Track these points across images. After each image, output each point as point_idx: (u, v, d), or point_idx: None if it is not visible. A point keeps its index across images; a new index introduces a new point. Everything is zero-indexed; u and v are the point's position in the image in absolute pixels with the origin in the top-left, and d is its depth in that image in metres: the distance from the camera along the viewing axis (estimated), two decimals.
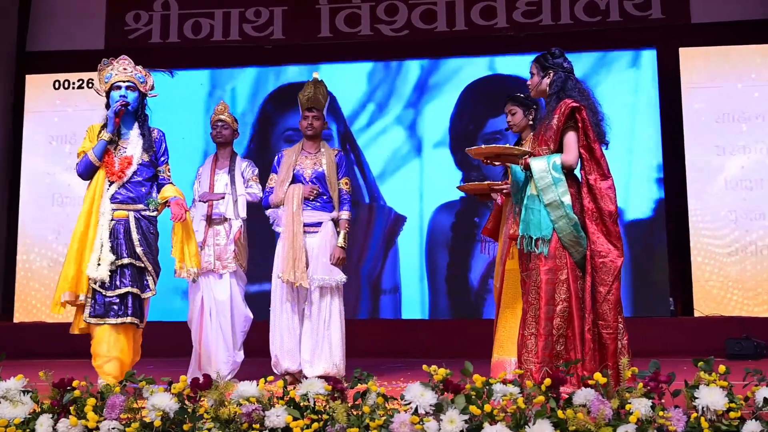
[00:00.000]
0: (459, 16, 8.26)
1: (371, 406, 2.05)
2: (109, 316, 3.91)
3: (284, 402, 2.12)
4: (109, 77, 4.20)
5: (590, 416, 1.95)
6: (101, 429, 2.15)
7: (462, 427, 1.99)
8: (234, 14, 8.60)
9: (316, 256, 4.43)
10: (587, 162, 3.54)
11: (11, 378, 2.31)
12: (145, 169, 4.14)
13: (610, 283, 3.46)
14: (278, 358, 4.43)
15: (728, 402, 1.93)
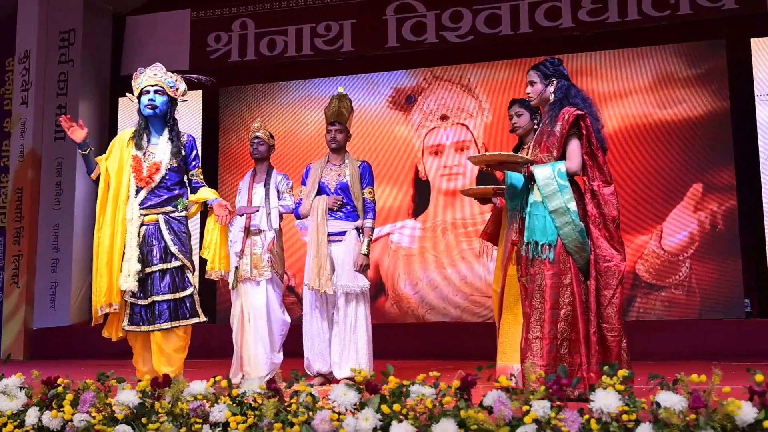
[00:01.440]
0: (523, 18, 8.28)
1: (301, 404, 2.25)
2: (143, 324, 3.98)
3: (228, 399, 2.36)
4: (139, 84, 4.20)
5: (492, 416, 2.08)
6: (74, 420, 2.48)
7: (375, 425, 2.16)
8: (306, 30, 8.96)
9: (340, 264, 4.63)
10: (590, 168, 3.58)
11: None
12: (174, 174, 4.14)
13: (615, 287, 3.50)
14: (310, 360, 4.69)
15: (623, 405, 2.00)
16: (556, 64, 3.77)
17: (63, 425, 2.51)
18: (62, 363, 6.81)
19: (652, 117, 7.71)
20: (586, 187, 3.60)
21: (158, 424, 2.34)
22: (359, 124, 8.47)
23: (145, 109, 4.11)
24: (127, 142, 4.18)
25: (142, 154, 4.10)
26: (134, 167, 4.08)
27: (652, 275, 7.48)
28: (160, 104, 4.11)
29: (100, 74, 9.04)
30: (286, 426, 2.21)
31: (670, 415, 1.90)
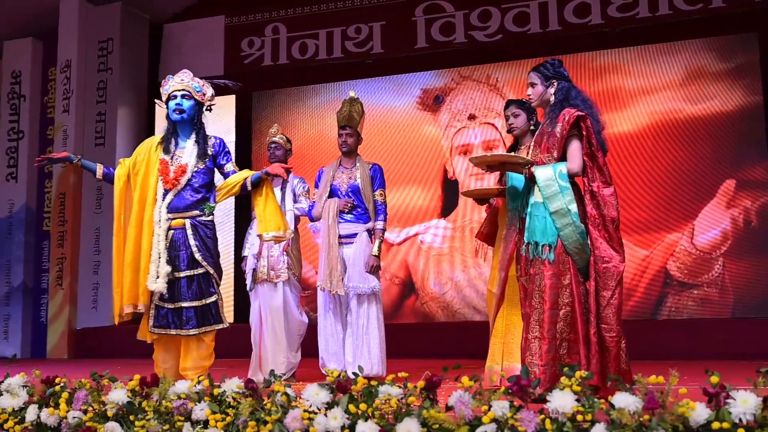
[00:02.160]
0: (552, 16, 8.23)
1: (276, 403, 2.34)
2: (171, 328, 4.01)
3: (209, 398, 2.46)
4: (168, 89, 4.25)
5: (454, 416, 2.13)
6: (68, 417, 2.61)
7: (344, 423, 2.23)
8: (336, 33, 9.06)
9: (351, 265, 4.71)
10: (590, 170, 3.56)
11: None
12: (201, 177, 4.16)
13: (614, 288, 3.47)
14: (324, 360, 4.77)
15: (578, 406, 2.03)
16: (557, 65, 3.75)
17: (59, 422, 2.64)
18: (103, 362, 7.04)
19: (682, 113, 7.61)
20: (585, 188, 3.59)
21: (144, 421, 2.45)
22: (388, 125, 8.56)
23: (172, 114, 4.17)
24: (155, 146, 4.24)
25: (170, 157, 4.15)
26: (161, 170, 4.14)
27: (684, 273, 7.38)
28: (187, 109, 4.16)
29: (138, 81, 9.29)
30: (260, 424, 2.30)
31: (621, 416, 1.93)
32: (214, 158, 4.25)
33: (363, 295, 4.66)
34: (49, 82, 9.43)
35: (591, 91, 7.82)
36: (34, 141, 9.32)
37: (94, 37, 9.08)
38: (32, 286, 9.16)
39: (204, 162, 4.18)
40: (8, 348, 8.94)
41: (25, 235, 9.13)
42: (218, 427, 2.37)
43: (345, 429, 2.23)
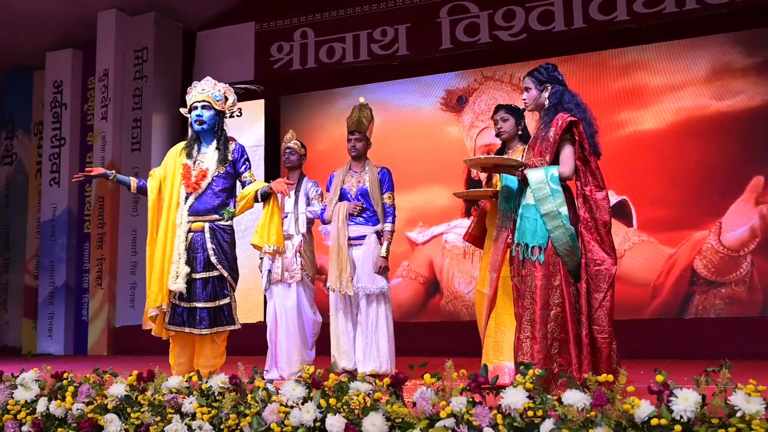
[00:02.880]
0: (577, 13, 8.23)
1: (257, 398, 2.49)
2: (185, 326, 4.18)
3: (198, 392, 2.62)
4: (190, 99, 4.41)
5: (416, 411, 2.25)
6: (73, 409, 2.81)
7: (316, 416, 2.37)
8: (362, 36, 9.21)
9: (361, 267, 4.85)
10: (583, 174, 3.63)
11: None
12: (221, 181, 4.32)
13: (605, 290, 3.54)
14: (336, 357, 4.92)
15: (529, 402, 2.13)
16: (551, 69, 3.83)
17: (65, 413, 2.84)
18: (140, 358, 7.32)
19: (708, 109, 7.55)
20: (578, 191, 3.65)
21: (139, 413, 2.63)
22: (412, 126, 8.67)
23: (194, 125, 4.37)
24: (179, 152, 4.45)
25: (192, 162, 4.34)
26: (184, 174, 4.33)
27: (711, 271, 7.33)
28: (207, 119, 4.35)
29: (172, 88, 9.57)
30: (241, 417, 2.45)
31: (567, 412, 2.02)
32: (234, 164, 4.41)
33: (372, 295, 4.80)
34: (89, 90, 9.77)
35: (615, 88, 7.83)
36: (75, 147, 9.67)
37: (130, 46, 9.39)
38: (74, 286, 9.51)
39: (224, 167, 4.35)
40: (52, 345, 9.31)
41: (67, 237, 9.48)
42: (204, 419, 2.53)
43: (317, 422, 2.37)
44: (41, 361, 7.45)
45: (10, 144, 10.37)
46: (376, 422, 2.25)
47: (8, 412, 2.91)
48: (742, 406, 1.89)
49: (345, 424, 2.27)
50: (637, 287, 7.41)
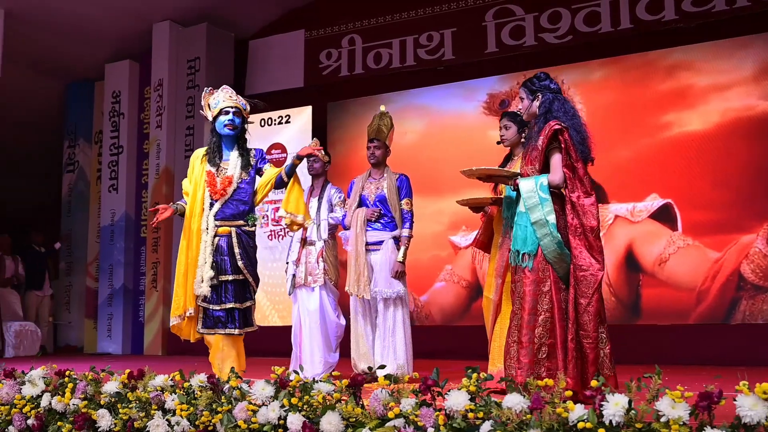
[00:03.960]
0: (624, 14, 8.12)
1: (230, 397, 2.60)
2: (217, 328, 4.25)
3: (180, 390, 2.75)
4: (216, 103, 4.44)
5: (369, 411, 2.32)
6: (70, 404, 2.99)
7: (280, 415, 2.46)
8: (409, 41, 9.29)
9: (378, 271, 4.95)
10: (570, 180, 3.66)
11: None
12: (246, 187, 4.39)
13: (590, 296, 3.56)
14: (355, 360, 5.03)
15: (471, 404, 2.17)
16: (542, 78, 3.90)
17: (65, 408, 3.02)
18: (191, 359, 7.56)
19: (756, 109, 7.33)
20: (566, 198, 3.68)
21: (127, 409, 2.78)
22: (456, 130, 8.68)
23: (223, 129, 4.41)
24: (200, 159, 4.51)
25: (216, 169, 4.41)
26: (209, 182, 4.38)
27: (759, 276, 7.11)
28: (239, 125, 4.45)
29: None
30: (213, 414, 2.57)
31: (502, 414, 2.06)
32: (256, 166, 4.51)
33: (389, 299, 4.88)
34: (145, 100, 10.15)
35: (660, 90, 7.68)
36: (132, 155, 10.06)
37: (183, 56, 9.71)
38: (131, 288, 9.88)
39: (248, 172, 4.45)
40: (111, 344, 9.70)
41: (125, 241, 9.87)
42: (182, 415, 2.66)
43: (281, 420, 2.46)
44: (99, 360, 7.82)
45: (73, 152, 10.85)
46: (332, 421, 2.34)
47: (15, 407, 3.10)
48: (667, 411, 1.89)
49: (303, 422, 2.36)
50: (682, 292, 7.25)
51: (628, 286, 7.49)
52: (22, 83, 10.20)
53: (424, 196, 7.89)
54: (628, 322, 7.45)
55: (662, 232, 7.38)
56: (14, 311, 9.44)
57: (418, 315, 8.58)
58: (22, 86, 10.29)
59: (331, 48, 9.79)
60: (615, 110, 7.87)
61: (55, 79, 10.72)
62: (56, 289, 10.67)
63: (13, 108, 10.24)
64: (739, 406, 1.86)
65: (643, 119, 7.72)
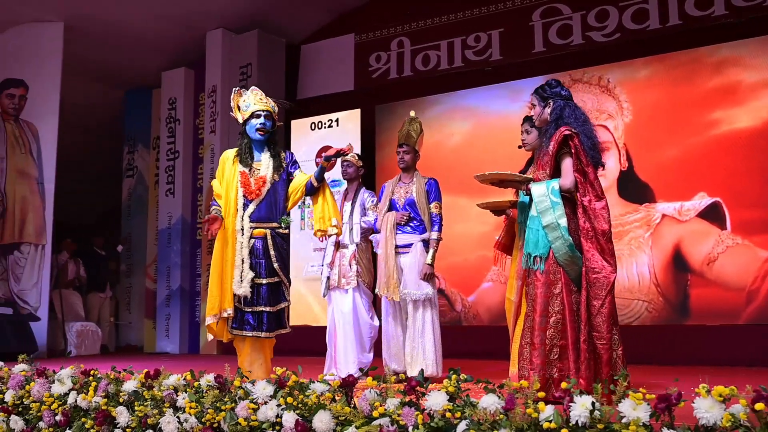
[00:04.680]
0: (672, 10, 7.99)
1: (234, 395, 2.72)
2: (245, 330, 4.29)
3: (190, 389, 2.89)
4: (247, 106, 4.45)
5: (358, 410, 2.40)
6: (93, 401, 3.16)
7: (277, 413, 2.57)
8: (456, 43, 9.33)
9: (407, 273, 5.01)
10: (581, 185, 3.70)
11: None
12: (279, 188, 4.43)
13: (604, 297, 3.59)
14: (386, 360, 5.12)
15: (448, 404, 2.24)
16: (553, 86, 3.96)
17: (88, 405, 3.20)
18: None
19: None
20: (578, 202, 3.71)
21: (142, 406, 2.94)
22: (502, 131, 8.66)
23: (255, 133, 4.43)
24: (232, 160, 4.53)
25: (249, 170, 4.42)
26: (242, 182, 4.38)
27: None
28: (270, 129, 4.47)
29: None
30: (218, 412, 2.70)
31: (475, 414, 2.12)
32: (286, 169, 4.53)
33: (418, 301, 4.95)
34: (200, 106, 10.45)
35: (708, 87, 7.53)
36: (188, 160, 10.37)
37: (235, 63, 9.96)
38: (188, 289, 10.18)
39: (280, 174, 4.47)
40: (168, 344, 10.02)
41: (182, 243, 10.17)
42: (191, 413, 2.80)
43: (278, 418, 2.57)
44: (156, 360, 8.11)
45: (132, 158, 11.26)
46: (323, 419, 2.43)
47: (44, 404, 3.30)
48: (628, 413, 1.93)
49: (295, 421, 2.46)
50: (731, 292, 7.09)
51: (676, 286, 7.36)
52: (83, 92, 10.66)
53: (470, 197, 7.90)
54: (676, 323, 7.33)
55: (710, 231, 7.24)
56: (76, 312, 9.86)
57: (465, 315, 8.61)
58: (83, 95, 10.75)
59: (381, 51, 9.89)
60: (661, 108, 7.75)
61: (114, 87, 11.15)
62: (117, 291, 11.08)
63: (75, 115, 10.69)
64: (696, 408, 1.88)
65: (690, 117, 7.58)
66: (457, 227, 8.16)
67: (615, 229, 7.68)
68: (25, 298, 8.84)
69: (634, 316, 7.51)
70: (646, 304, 7.48)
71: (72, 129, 10.55)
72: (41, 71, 9.10)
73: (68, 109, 9.77)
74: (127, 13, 9.17)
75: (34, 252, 8.91)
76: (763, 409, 1.73)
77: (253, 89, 4.62)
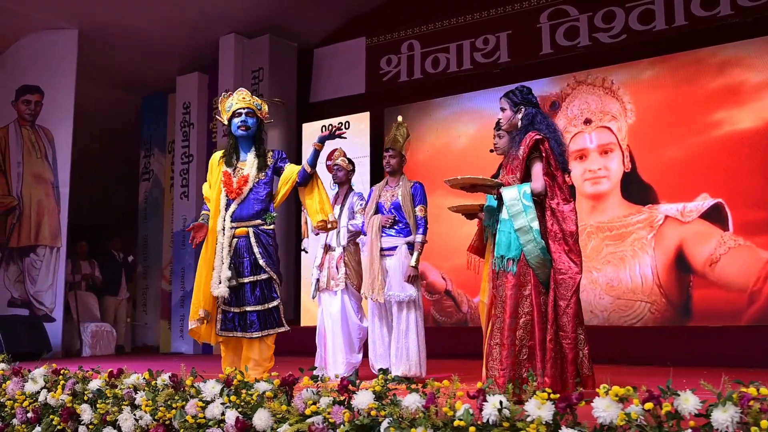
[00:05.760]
0: (678, 11, 7.96)
1: (186, 394, 2.82)
2: (236, 331, 4.29)
3: (148, 388, 2.99)
4: (230, 106, 4.49)
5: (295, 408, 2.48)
6: (60, 399, 3.28)
7: (222, 410, 2.66)
8: (465, 45, 9.37)
9: (392, 275, 5.07)
10: (550, 188, 3.76)
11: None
12: (263, 187, 4.41)
13: (569, 298, 3.65)
14: (372, 360, 5.19)
15: (373, 403, 2.30)
16: (525, 92, 4.02)
17: (56, 403, 3.32)
18: None
19: None
20: (546, 204, 3.76)
21: (103, 404, 3.05)
22: None
23: (237, 131, 4.46)
24: (218, 161, 4.56)
25: (232, 170, 4.44)
26: (225, 182, 4.41)
27: None
28: (252, 125, 4.47)
29: (287, 104, 10.18)
30: (170, 410, 2.79)
31: (395, 412, 2.18)
32: (274, 167, 4.55)
33: (403, 303, 5.02)
34: (213, 110, 10.60)
35: (711, 87, 7.48)
36: (202, 163, 10.51)
37: (248, 67, 10.11)
38: None
39: (264, 173, 4.48)
40: (183, 344, 10.19)
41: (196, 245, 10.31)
42: (146, 410, 2.90)
43: (222, 415, 2.66)
44: (171, 359, 8.26)
45: (148, 162, 11.47)
46: (262, 417, 2.52)
47: (16, 401, 3.43)
48: (532, 412, 1.97)
49: (235, 418, 2.55)
50: (733, 293, 7.04)
51: (679, 287, 7.33)
52: (101, 97, 10.90)
53: (477, 198, 7.89)
54: (678, 324, 7.29)
55: (713, 232, 7.19)
56: (92, 313, 10.08)
57: (471, 316, 8.63)
58: (101, 100, 10.99)
59: (391, 54, 9.97)
60: (664, 110, 7.72)
61: (131, 92, 11.37)
62: (134, 292, 11.29)
63: (93, 120, 10.92)
64: (594, 408, 1.92)
65: (693, 118, 7.53)
66: (464, 228, 8.15)
67: (618, 230, 7.76)
68: (41, 299, 9.07)
69: (636, 318, 7.48)
70: (648, 306, 7.45)
71: (91, 134, 10.79)
72: (56, 77, 9.33)
73: (86, 114, 10.00)
74: (140, 19, 9.37)
75: (50, 254, 9.14)
76: (652, 408, 1.77)
77: (239, 90, 4.68)
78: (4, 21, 9.02)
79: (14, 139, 9.45)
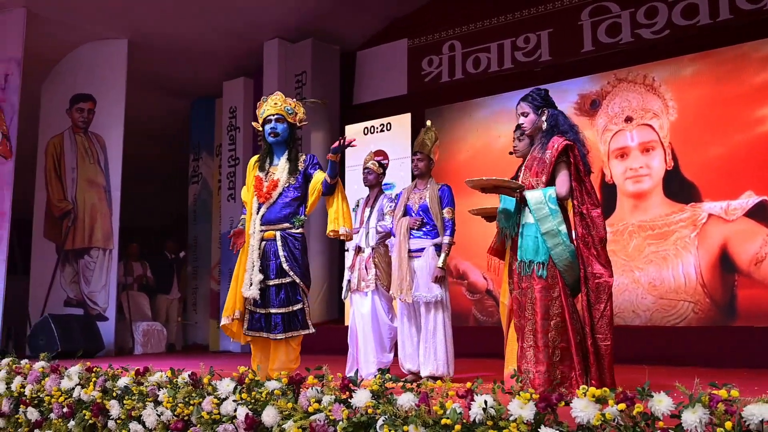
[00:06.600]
0: (723, 5, 7.82)
1: (204, 391, 2.94)
2: (262, 331, 4.41)
3: (169, 386, 3.12)
4: (262, 113, 4.58)
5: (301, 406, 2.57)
6: (91, 395, 3.45)
7: (234, 407, 2.77)
8: (506, 44, 9.37)
9: (419, 276, 5.15)
10: (579, 193, 3.78)
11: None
12: (292, 191, 4.50)
13: (605, 301, 3.69)
14: (401, 360, 5.27)
15: (370, 402, 2.38)
16: (544, 95, 4.05)
17: (89, 399, 3.49)
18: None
19: None
20: (575, 210, 3.78)
21: (130, 400, 3.20)
22: None
23: (268, 137, 4.61)
24: (253, 166, 4.70)
25: (264, 174, 4.57)
26: (256, 186, 4.56)
27: None
28: (281, 132, 4.57)
29: (329, 107, 10.31)
30: (188, 406, 2.92)
31: (388, 410, 2.25)
32: (305, 172, 4.62)
33: (430, 303, 5.09)
34: None
35: (755, 83, 7.33)
36: None
37: (291, 71, 10.28)
38: None
39: (295, 177, 4.57)
40: (231, 343, 10.34)
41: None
42: (166, 407, 3.04)
43: (235, 411, 2.78)
44: (218, 358, 8.48)
45: (197, 165, 11.76)
46: (270, 414, 2.62)
47: (53, 397, 3.62)
48: (515, 411, 2.02)
49: (245, 414, 2.66)
50: None
51: (723, 287, 7.20)
52: (151, 103, 11.23)
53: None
54: (723, 324, 7.17)
55: (758, 230, 7.04)
56: (143, 312, 10.39)
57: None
58: (151, 106, 11.33)
59: (433, 55, 10.03)
60: (707, 106, 7.59)
61: (180, 97, 11.67)
62: (185, 292, 11.58)
63: (144, 126, 11.25)
64: (573, 408, 1.96)
65: (736, 114, 7.39)
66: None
67: (660, 229, 7.66)
68: (95, 299, 9.40)
69: (680, 318, 7.38)
70: (692, 305, 7.34)
71: (142, 139, 11.12)
72: (107, 85, 9.66)
73: (137, 120, 10.31)
74: (187, 28, 9.62)
75: (103, 256, 9.46)
76: (625, 409, 1.81)
77: (273, 95, 4.75)
78: (58, 33, 9.38)
79: (69, 146, 9.81)
